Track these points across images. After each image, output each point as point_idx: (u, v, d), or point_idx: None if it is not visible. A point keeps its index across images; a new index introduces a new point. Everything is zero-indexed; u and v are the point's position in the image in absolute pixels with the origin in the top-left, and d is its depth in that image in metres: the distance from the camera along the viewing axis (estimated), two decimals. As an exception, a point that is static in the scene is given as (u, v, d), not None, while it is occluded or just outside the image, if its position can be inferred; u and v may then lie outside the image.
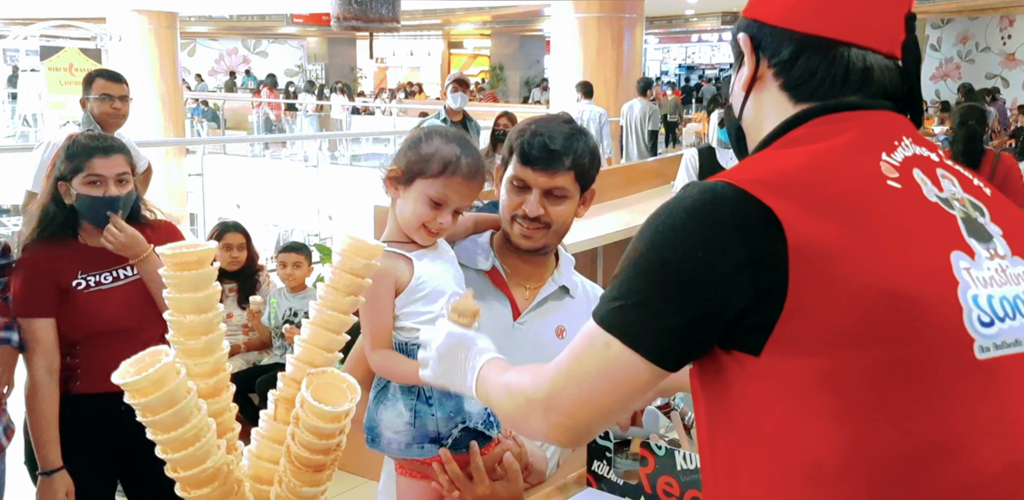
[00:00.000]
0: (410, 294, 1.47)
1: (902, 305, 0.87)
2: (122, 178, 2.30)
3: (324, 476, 1.21)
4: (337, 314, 1.25)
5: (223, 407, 1.24)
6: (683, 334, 0.92)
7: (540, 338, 1.70)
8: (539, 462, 1.62)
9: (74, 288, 2.28)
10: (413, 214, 1.49)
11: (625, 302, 0.94)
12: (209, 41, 25.70)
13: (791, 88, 1.02)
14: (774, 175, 0.92)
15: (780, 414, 0.90)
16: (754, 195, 0.88)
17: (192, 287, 1.20)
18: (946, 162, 1.01)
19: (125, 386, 1.07)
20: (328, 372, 1.22)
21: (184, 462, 1.12)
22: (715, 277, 0.88)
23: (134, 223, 2.39)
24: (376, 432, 1.50)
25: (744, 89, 1.06)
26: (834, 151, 0.95)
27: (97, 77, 3.90)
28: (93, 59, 9.33)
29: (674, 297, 0.91)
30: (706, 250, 0.88)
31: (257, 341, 4.17)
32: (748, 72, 1.04)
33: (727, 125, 1.14)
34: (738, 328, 0.90)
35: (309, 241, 7.56)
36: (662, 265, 0.91)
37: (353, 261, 1.25)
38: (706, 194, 0.91)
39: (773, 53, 1.02)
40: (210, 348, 1.22)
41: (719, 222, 0.89)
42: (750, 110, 1.07)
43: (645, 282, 0.92)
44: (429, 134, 1.52)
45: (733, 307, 0.89)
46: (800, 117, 1.00)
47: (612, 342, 0.94)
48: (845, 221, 0.89)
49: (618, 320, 0.94)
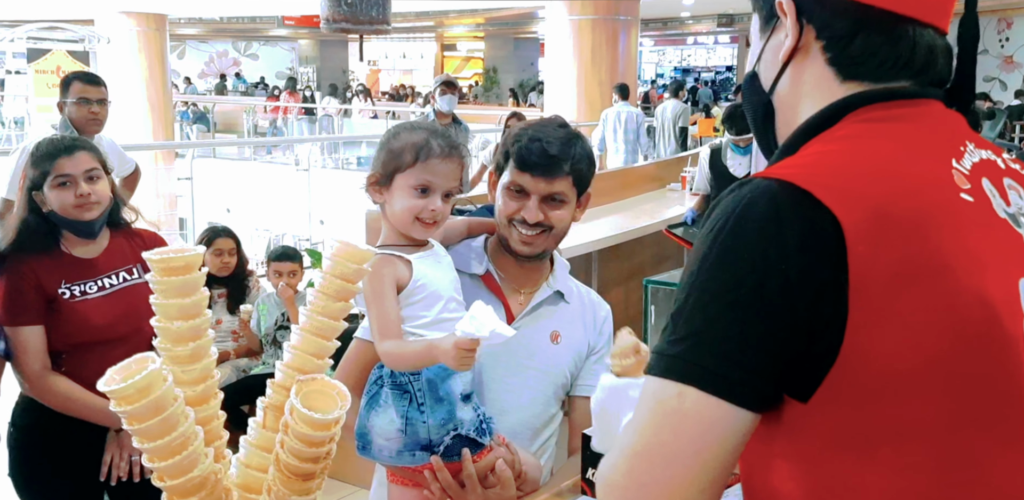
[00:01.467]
0: (407, 296, 1.47)
1: (972, 344, 0.76)
2: (92, 175, 2.28)
3: (314, 485, 1.21)
4: (327, 320, 1.25)
5: (211, 415, 1.24)
6: (775, 366, 0.77)
7: (535, 344, 1.70)
8: (533, 470, 1.62)
9: (59, 297, 2.26)
10: (403, 209, 1.50)
11: (696, 339, 0.77)
12: (199, 43, 25.69)
13: (842, 65, 0.89)
14: (844, 179, 0.79)
15: (833, 469, 0.78)
16: (822, 201, 0.76)
17: (179, 293, 1.19)
18: (1012, 167, 0.91)
19: (111, 394, 1.07)
20: (318, 379, 1.22)
21: (171, 471, 1.11)
22: (801, 296, 0.75)
23: (114, 229, 2.38)
24: (367, 439, 1.49)
25: (784, 59, 0.92)
26: (905, 154, 0.83)
27: (74, 80, 3.87)
28: (81, 62, 9.31)
29: (760, 322, 0.76)
30: (787, 265, 0.75)
31: (245, 348, 4.16)
32: (791, 42, 0.90)
33: (750, 101, 0.99)
34: (791, 365, 0.77)
35: (300, 246, 7.54)
36: (737, 286, 0.76)
37: (344, 266, 1.25)
38: (770, 198, 0.78)
39: (824, 24, 0.89)
40: (198, 355, 1.21)
41: (800, 232, 0.76)
42: (786, 84, 0.93)
43: (717, 309, 0.77)
44: (395, 132, 1.55)
45: (806, 336, 0.76)
46: (851, 102, 0.88)
47: (687, 392, 0.76)
48: (917, 244, 0.76)
49: (690, 363, 0.77)
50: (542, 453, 1.74)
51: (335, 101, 18.88)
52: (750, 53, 1.00)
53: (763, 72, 0.96)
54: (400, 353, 1.45)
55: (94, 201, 2.27)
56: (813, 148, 0.86)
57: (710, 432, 0.76)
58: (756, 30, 0.98)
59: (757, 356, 0.76)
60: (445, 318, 1.50)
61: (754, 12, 0.98)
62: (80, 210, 2.26)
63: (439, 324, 1.49)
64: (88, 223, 2.29)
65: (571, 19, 10.62)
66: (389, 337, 1.45)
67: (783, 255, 0.75)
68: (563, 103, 10.30)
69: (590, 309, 1.79)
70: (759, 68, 0.96)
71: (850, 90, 0.89)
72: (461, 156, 1.53)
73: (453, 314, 1.51)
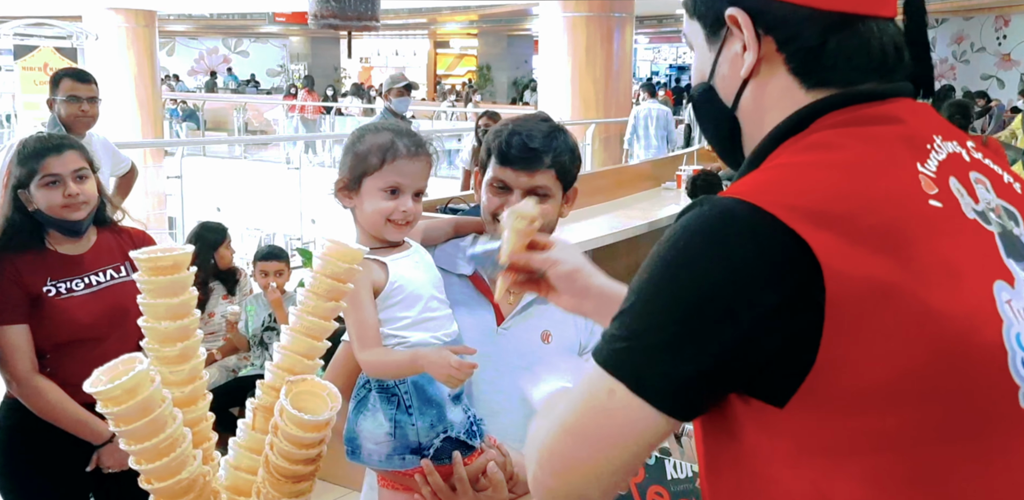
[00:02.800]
0: (385, 299, 1.46)
1: (948, 358, 0.77)
2: (80, 174, 2.28)
3: (304, 487, 1.21)
4: (317, 320, 1.25)
5: (199, 416, 1.24)
6: (703, 382, 0.80)
7: (525, 344, 1.69)
8: (524, 472, 1.61)
9: (44, 295, 2.25)
10: (373, 211, 1.50)
11: (634, 343, 0.81)
12: (188, 40, 25.63)
13: (808, 73, 0.88)
14: (807, 198, 0.78)
15: (802, 473, 0.80)
16: (786, 223, 0.76)
17: (167, 292, 1.19)
18: (975, 156, 0.91)
19: (97, 395, 1.06)
20: (308, 380, 1.22)
21: (158, 473, 1.11)
22: (742, 320, 0.77)
23: (101, 227, 2.37)
24: (356, 443, 1.49)
25: (747, 76, 0.91)
26: (868, 164, 0.82)
27: (64, 77, 3.85)
28: (68, 59, 9.27)
29: (694, 340, 0.79)
30: (733, 289, 0.77)
31: (230, 347, 4.14)
32: (753, 57, 0.89)
33: (710, 116, 0.98)
34: (761, 375, 0.79)
35: (291, 245, 7.53)
36: (678, 303, 0.79)
37: (334, 265, 1.25)
38: (728, 219, 0.78)
39: (790, 36, 0.87)
40: (186, 355, 1.21)
41: (747, 256, 0.77)
42: (748, 99, 0.92)
43: (658, 321, 0.80)
44: (360, 134, 1.54)
45: (760, 353, 0.78)
46: (818, 107, 0.87)
47: (617, 389, 0.82)
48: (889, 258, 0.77)
49: (625, 363, 0.82)
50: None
51: (358, 101, 18.77)
52: (696, 63, 0.97)
53: (721, 86, 0.94)
54: (382, 361, 1.45)
55: (82, 201, 2.27)
56: (778, 159, 0.86)
57: (631, 429, 0.82)
58: (700, 40, 0.95)
59: (687, 370, 0.79)
60: (428, 317, 1.50)
61: (690, 18, 0.96)
62: (68, 210, 2.25)
63: (422, 324, 1.49)
64: (75, 222, 2.28)
65: (565, 16, 10.61)
66: (368, 346, 1.45)
67: (736, 279, 0.77)
68: (557, 101, 10.30)
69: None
70: (715, 82, 0.94)
71: (816, 97, 0.88)
72: (428, 154, 1.53)
73: (435, 313, 1.51)
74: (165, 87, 17.68)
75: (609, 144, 10.63)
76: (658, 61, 28.72)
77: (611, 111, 10.41)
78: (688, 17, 0.96)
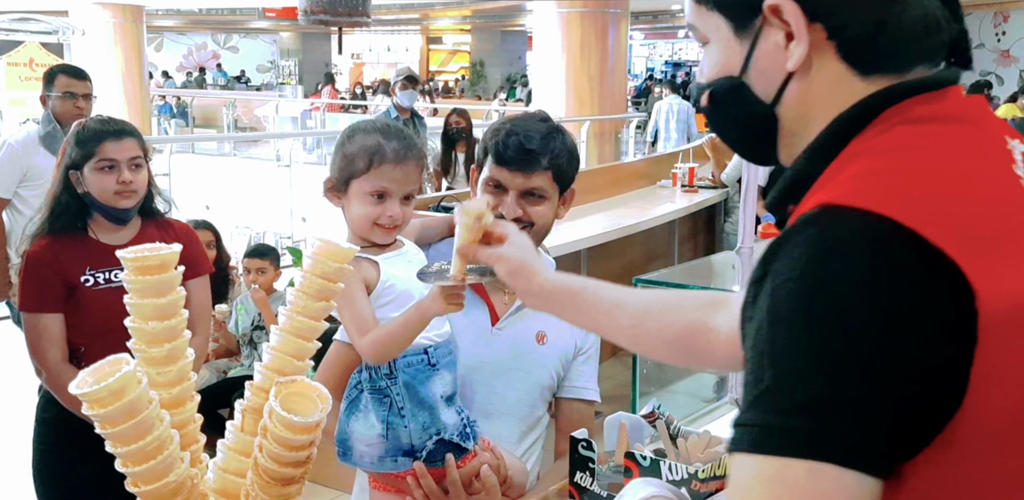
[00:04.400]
0: (377, 298, 1.46)
1: None
2: (136, 162, 2.30)
3: (294, 490, 1.20)
4: (307, 320, 1.24)
5: (187, 418, 1.23)
6: (898, 431, 0.69)
7: (520, 344, 1.69)
8: (519, 475, 1.61)
9: (82, 284, 2.25)
10: (360, 215, 1.49)
11: (819, 405, 0.68)
12: (177, 35, 25.58)
13: (865, 60, 0.82)
14: (941, 212, 0.70)
15: None
16: (937, 245, 0.68)
17: (155, 292, 1.19)
18: None
19: (83, 396, 1.06)
20: (298, 381, 1.21)
21: (145, 476, 1.11)
22: (916, 362, 0.68)
23: (148, 219, 2.38)
24: (348, 445, 1.49)
25: (797, 67, 0.83)
26: (975, 172, 0.75)
27: (60, 73, 3.85)
28: (55, 54, 9.26)
29: (877, 395, 0.68)
30: (902, 336, 0.67)
31: (223, 349, 4.14)
32: (804, 49, 0.82)
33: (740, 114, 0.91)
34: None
35: (281, 244, 7.52)
36: (860, 341, 0.68)
37: (325, 265, 1.24)
38: (876, 245, 0.69)
39: (843, 22, 0.81)
40: (173, 356, 1.21)
41: (909, 294, 0.68)
42: (794, 92, 0.85)
43: (845, 369, 0.68)
44: (350, 134, 1.52)
45: (928, 396, 0.68)
46: (878, 100, 0.81)
47: (823, 470, 0.67)
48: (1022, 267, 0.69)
49: (817, 434, 0.67)
50: (529, 456, 1.74)
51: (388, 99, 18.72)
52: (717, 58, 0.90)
53: (758, 80, 0.87)
54: (387, 332, 1.41)
55: (134, 189, 2.29)
56: (865, 163, 0.77)
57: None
58: (724, 33, 0.88)
59: (889, 418, 0.68)
60: None
61: (707, 10, 0.89)
62: (119, 197, 2.27)
63: None
64: (124, 211, 2.30)
65: (560, 12, 10.61)
66: (368, 332, 1.43)
67: (902, 323, 0.68)
68: (551, 98, 10.30)
69: None
70: (749, 77, 0.87)
71: (874, 86, 0.82)
72: (417, 158, 1.50)
73: None
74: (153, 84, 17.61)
75: (603, 141, 10.63)
76: (654, 57, 28.74)
77: (606, 108, 10.41)
78: (701, 10, 0.90)
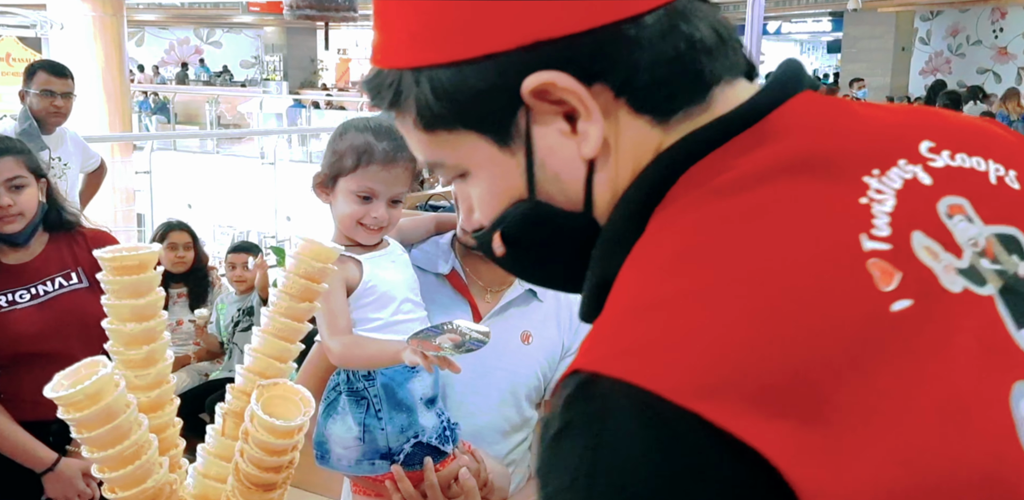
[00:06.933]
0: (358, 298, 1.46)
1: None
2: (15, 183, 2.16)
3: (276, 495, 1.20)
4: (290, 321, 1.24)
5: (166, 422, 1.22)
6: None
7: (504, 344, 1.68)
8: (499, 478, 1.61)
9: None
10: (345, 214, 1.49)
11: None
12: (159, 30, 25.49)
13: (655, 107, 0.65)
14: (729, 364, 0.52)
15: None
16: (711, 420, 0.51)
17: (132, 293, 1.18)
18: (940, 161, 0.64)
19: (58, 400, 1.05)
20: (280, 384, 1.21)
21: (122, 482, 1.10)
22: None
23: (61, 232, 2.28)
24: (325, 448, 1.49)
25: (595, 154, 0.65)
26: (798, 266, 0.56)
27: (39, 70, 3.83)
28: (32, 49, 9.22)
29: None
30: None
31: (204, 352, 4.14)
32: (598, 126, 0.64)
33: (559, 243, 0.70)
34: None
35: (265, 243, 7.51)
36: None
37: (308, 265, 1.24)
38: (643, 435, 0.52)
39: (631, 68, 0.63)
40: (152, 359, 1.20)
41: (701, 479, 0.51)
42: (604, 183, 0.67)
43: None
44: (343, 130, 1.52)
45: None
46: (671, 161, 0.64)
47: None
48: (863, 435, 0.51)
49: None
50: (514, 457, 1.73)
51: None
52: (487, 187, 0.70)
53: (555, 192, 0.67)
54: (356, 356, 1.43)
55: (15, 213, 2.16)
56: (643, 280, 0.59)
57: None
58: (483, 154, 0.67)
59: None
60: (399, 320, 1.49)
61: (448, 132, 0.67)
62: (1, 223, 2.16)
63: (393, 327, 1.48)
64: (11, 235, 2.19)
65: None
66: (338, 333, 1.44)
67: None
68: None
69: (566, 307, 1.78)
70: (542, 193, 0.67)
71: (675, 133, 0.65)
72: (408, 160, 1.49)
73: (408, 315, 1.51)
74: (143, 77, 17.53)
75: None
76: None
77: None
78: (438, 138, 0.68)
